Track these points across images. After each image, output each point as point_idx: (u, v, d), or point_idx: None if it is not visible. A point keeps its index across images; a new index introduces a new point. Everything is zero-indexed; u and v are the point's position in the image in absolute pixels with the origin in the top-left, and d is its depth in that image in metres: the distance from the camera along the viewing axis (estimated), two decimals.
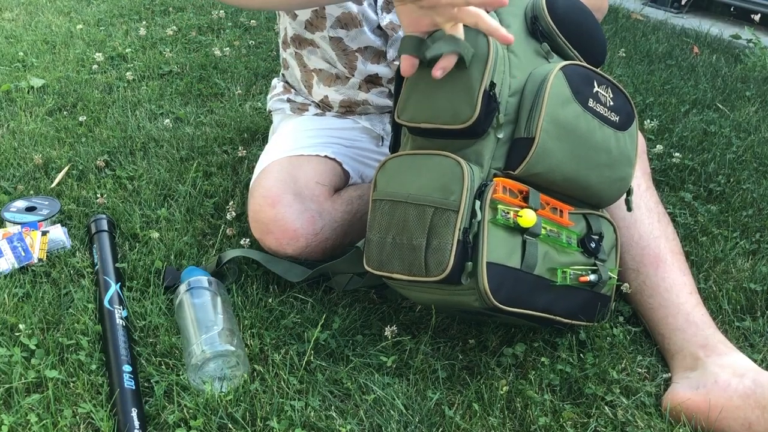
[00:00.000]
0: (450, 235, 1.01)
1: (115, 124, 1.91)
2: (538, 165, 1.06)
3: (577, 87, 1.08)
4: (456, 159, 1.05)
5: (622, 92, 1.17)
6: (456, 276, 1.01)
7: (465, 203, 1.01)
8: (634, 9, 3.11)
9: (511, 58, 1.08)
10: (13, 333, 1.17)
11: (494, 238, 1.03)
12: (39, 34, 2.59)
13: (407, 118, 1.10)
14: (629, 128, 1.17)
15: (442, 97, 1.06)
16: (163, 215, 1.50)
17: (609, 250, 1.20)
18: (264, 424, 1.03)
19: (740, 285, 1.34)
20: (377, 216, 1.10)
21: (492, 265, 1.02)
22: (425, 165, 1.07)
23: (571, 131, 1.07)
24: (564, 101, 1.07)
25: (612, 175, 1.15)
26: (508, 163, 1.07)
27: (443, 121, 1.06)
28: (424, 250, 1.03)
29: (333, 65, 1.44)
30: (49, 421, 1.02)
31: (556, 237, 1.10)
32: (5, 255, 1.32)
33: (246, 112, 2.02)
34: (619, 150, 1.15)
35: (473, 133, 1.05)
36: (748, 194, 1.64)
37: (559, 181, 1.10)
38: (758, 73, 2.39)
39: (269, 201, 1.29)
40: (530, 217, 1.04)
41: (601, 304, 1.19)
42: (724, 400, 1.03)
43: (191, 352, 1.08)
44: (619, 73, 2.33)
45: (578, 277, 1.13)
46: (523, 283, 1.06)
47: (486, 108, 1.03)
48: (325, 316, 1.24)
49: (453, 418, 1.06)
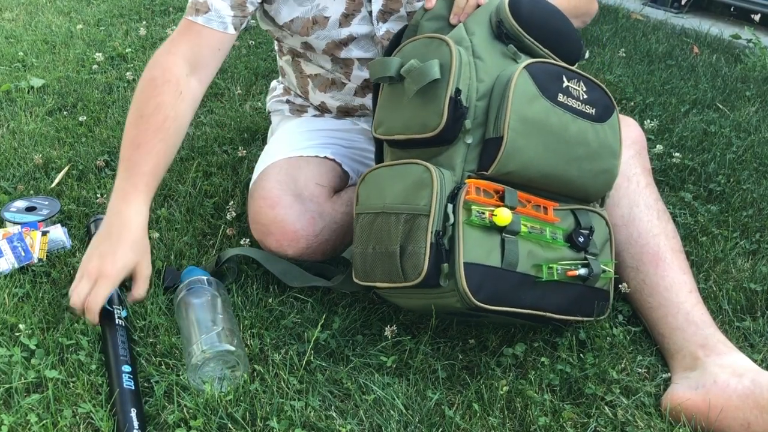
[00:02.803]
0: (423, 239, 1.03)
1: (115, 124, 1.91)
2: (510, 163, 1.08)
3: (543, 83, 1.10)
4: (425, 165, 1.08)
5: (597, 85, 1.18)
6: (433, 279, 1.03)
7: (435, 207, 1.04)
8: (634, 9, 3.11)
9: (477, 63, 1.11)
10: (13, 333, 1.17)
11: (470, 239, 1.04)
12: (39, 34, 2.59)
13: (383, 132, 1.16)
14: (609, 120, 1.18)
15: (412, 109, 1.11)
16: (163, 215, 1.50)
17: (602, 244, 1.19)
18: (264, 424, 1.03)
19: (740, 285, 1.34)
20: (358, 229, 1.14)
21: (470, 265, 1.03)
22: (398, 174, 1.11)
23: (541, 127, 1.09)
24: (530, 98, 1.08)
25: (593, 168, 1.15)
26: (481, 165, 1.09)
27: (414, 131, 1.10)
28: (400, 256, 1.05)
29: (329, 72, 1.44)
30: (49, 421, 1.02)
31: (539, 233, 1.11)
32: (5, 255, 1.32)
33: (246, 112, 2.02)
34: (599, 142, 1.15)
35: (444, 140, 1.09)
36: (748, 194, 1.64)
37: (536, 177, 1.11)
38: (758, 73, 2.39)
39: (269, 203, 1.29)
40: (505, 216, 1.05)
41: (599, 298, 1.18)
42: (723, 400, 1.03)
43: (191, 352, 1.09)
44: (619, 73, 2.33)
45: (566, 272, 1.12)
46: (506, 281, 1.06)
47: (453, 115, 1.07)
48: (325, 316, 1.24)
49: (453, 418, 1.06)
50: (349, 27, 1.34)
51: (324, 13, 1.33)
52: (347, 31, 1.34)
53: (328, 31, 1.34)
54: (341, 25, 1.34)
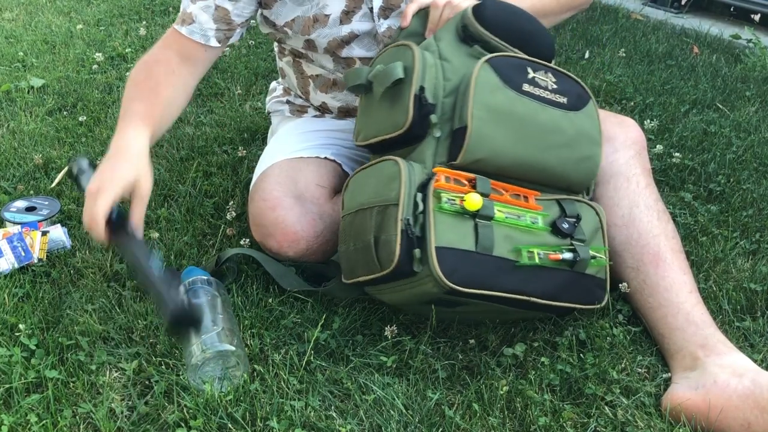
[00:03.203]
0: (394, 227, 1.06)
1: (115, 124, 1.90)
2: (478, 151, 1.11)
3: (506, 75, 1.14)
4: (395, 159, 1.13)
5: (568, 76, 1.21)
6: (407, 265, 1.05)
7: (404, 195, 1.07)
8: (634, 9, 3.11)
9: (444, 65, 1.16)
10: (13, 333, 1.17)
11: (442, 225, 1.06)
12: (39, 34, 2.59)
13: (362, 139, 1.23)
14: (584, 108, 1.20)
15: (383, 112, 1.18)
16: (163, 215, 1.50)
17: (591, 231, 1.19)
18: (264, 424, 1.03)
19: (740, 285, 1.34)
20: (341, 231, 1.18)
21: (442, 249, 1.05)
22: (373, 173, 1.16)
23: (508, 115, 1.12)
24: (493, 88, 1.12)
25: (573, 155, 1.17)
26: (451, 156, 1.13)
27: (387, 131, 1.16)
28: (375, 246, 1.09)
29: (330, 72, 1.44)
30: (49, 421, 1.02)
31: (516, 219, 1.12)
32: (5, 255, 1.32)
33: (246, 112, 2.02)
34: (576, 130, 1.17)
35: (413, 136, 1.14)
36: (748, 194, 1.64)
37: (509, 165, 1.13)
38: (758, 73, 2.39)
39: (269, 204, 1.29)
40: (475, 201, 1.08)
41: (593, 286, 1.17)
42: (723, 400, 1.03)
43: (191, 352, 1.09)
44: (619, 73, 2.33)
45: (548, 256, 1.12)
46: (482, 264, 1.07)
47: (419, 111, 1.13)
48: (325, 316, 1.24)
49: (453, 418, 1.06)
50: (350, 24, 1.34)
51: (324, 11, 1.33)
52: (348, 29, 1.34)
53: (329, 28, 1.34)
54: (342, 23, 1.34)
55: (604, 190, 1.28)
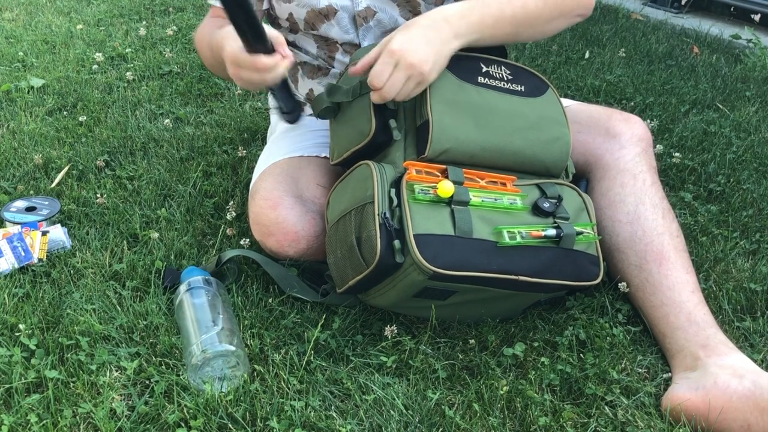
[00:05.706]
0: (372, 223, 1.10)
1: (115, 124, 1.91)
2: (445, 141, 1.16)
3: (459, 71, 1.21)
4: (366, 163, 1.18)
5: (524, 69, 1.28)
6: (390, 258, 1.08)
7: (378, 191, 1.12)
8: (634, 9, 3.11)
9: None
10: (13, 333, 1.17)
11: (418, 214, 1.09)
12: (39, 34, 2.59)
13: (336, 156, 1.28)
14: (544, 95, 1.26)
15: (350, 127, 1.24)
16: (163, 215, 1.50)
17: (575, 210, 1.20)
18: (264, 424, 1.03)
19: (740, 285, 1.34)
20: (327, 241, 1.21)
21: (421, 236, 1.08)
22: (349, 181, 1.21)
23: (466, 105, 1.18)
24: (448, 83, 1.19)
25: (540, 137, 1.21)
26: (419, 151, 1.18)
27: (356, 142, 1.22)
28: (358, 246, 1.12)
29: (314, 58, 1.46)
30: (49, 421, 1.02)
31: (493, 201, 1.14)
32: (5, 255, 1.32)
33: (246, 112, 2.02)
34: (539, 113, 1.22)
35: (381, 143, 1.21)
36: (748, 194, 1.64)
37: (478, 152, 1.17)
38: (758, 73, 2.39)
39: (270, 203, 1.29)
40: (447, 187, 1.11)
41: (586, 262, 1.16)
42: (723, 401, 1.03)
43: (191, 352, 1.09)
44: (619, 73, 2.33)
45: (530, 233, 1.12)
46: (464, 247, 1.08)
47: (381, 118, 1.19)
48: (325, 316, 1.24)
49: (453, 418, 1.06)
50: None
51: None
52: (327, 1, 1.36)
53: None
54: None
55: (611, 187, 1.28)
